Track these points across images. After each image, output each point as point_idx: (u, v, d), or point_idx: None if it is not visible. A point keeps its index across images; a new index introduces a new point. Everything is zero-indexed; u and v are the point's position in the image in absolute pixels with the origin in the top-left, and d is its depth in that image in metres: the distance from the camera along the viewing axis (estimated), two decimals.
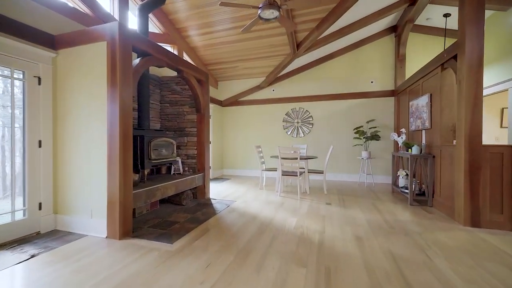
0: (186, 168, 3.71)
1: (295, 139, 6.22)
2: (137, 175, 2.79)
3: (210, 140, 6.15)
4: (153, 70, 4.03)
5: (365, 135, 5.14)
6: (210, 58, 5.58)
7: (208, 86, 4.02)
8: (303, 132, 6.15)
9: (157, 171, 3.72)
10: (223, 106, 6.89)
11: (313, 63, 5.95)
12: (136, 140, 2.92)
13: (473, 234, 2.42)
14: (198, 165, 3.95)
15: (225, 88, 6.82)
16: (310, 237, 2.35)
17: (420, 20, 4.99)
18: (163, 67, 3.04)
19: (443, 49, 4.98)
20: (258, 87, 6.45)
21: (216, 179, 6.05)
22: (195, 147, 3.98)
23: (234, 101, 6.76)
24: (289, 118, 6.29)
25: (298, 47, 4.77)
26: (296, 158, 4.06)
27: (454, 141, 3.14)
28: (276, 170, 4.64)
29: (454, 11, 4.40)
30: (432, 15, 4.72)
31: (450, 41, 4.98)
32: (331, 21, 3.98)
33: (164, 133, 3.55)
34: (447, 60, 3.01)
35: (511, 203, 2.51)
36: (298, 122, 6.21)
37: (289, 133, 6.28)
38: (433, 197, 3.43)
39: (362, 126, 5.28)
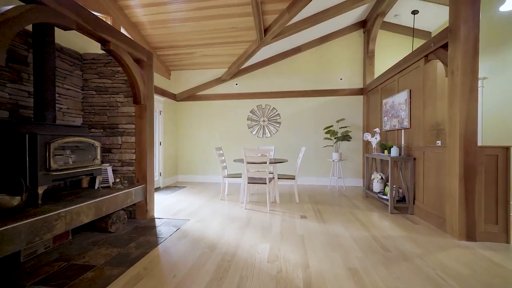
0: (118, 180, 2.69)
1: (261, 139, 5.58)
2: (17, 197, 1.72)
3: (161, 141, 5.08)
4: (71, 43, 2.89)
5: (336, 135, 4.76)
6: (159, 39, 4.54)
7: (151, 69, 3.06)
8: (269, 132, 5.54)
9: (75, 184, 2.62)
10: (177, 101, 5.86)
11: (280, 56, 5.39)
12: (21, 140, 1.85)
13: (476, 253, 2.05)
14: (138, 174, 2.96)
15: (180, 80, 5.80)
16: (291, 278, 1.66)
17: (389, 17, 4.83)
18: (71, 29, 2.02)
19: (411, 49, 4.92)
20: (219, 80, 5.62)
21: (168, 188, 5.01)
22: (133, 150, 2.97)
23: (191, 95, 5.79)
24: (254, 116, 5.62)
25: (265, 32, 4.11)
26: (265, 162, 3.38)
27: (438, 142, 2.84)
28: (240, 177, 3.89)
29: (422, 7, 4.29)
30: (401, 11, 4.57)
31: (417, 42, 4.93)
32: (305, 2, 3.41)
33: (85, 131, 2.50)
34: (433, 50, 2.68)
35: (506, 212, 2.24)
36: (264, 121, 5.58)
37: (254, 132, 5.60)
38: (413, 203, 3.11)
39: (332, 126, 4.90)
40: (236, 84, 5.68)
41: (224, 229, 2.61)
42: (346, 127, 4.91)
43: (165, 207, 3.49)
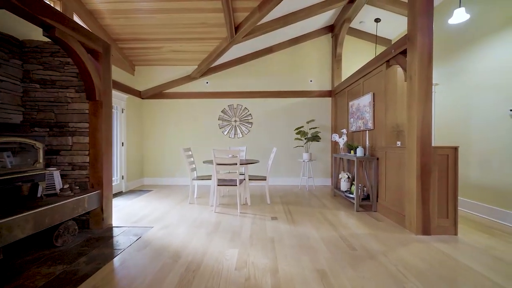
0: (67, 186, 2.37)
1: (233, 140, 5.46)
2: None
3: (123, 141, 4.68)
4: (10, 28, 2.47)
5: (306, 136, 4.85)
6: (121, 31, 4.17)
7: (109, 63, 2.77)
8: (241, 132, 5.45)
9: (10, 193, 2.24)
10: (143, 98, 5.47)
11: (252, 55, 5.34)
12: None
13: (431, 246, 2.19)
14: (92, 178, 2.64)
15: (146, 76, 5.42)
16: (259, 285, 1.59)
17: (355, 23, 5.07)
18: (1, 8, 1.70)
19: (374, 55, 5.22)
20: (189, 78, 5.38)
21: (132, 192, 4.63)
22: (87, 152, 2.65)
23: (158, 93, 5.45)
24: (225, 116, 5.48)
25: (236, 30, 4.01)
26: (235, 164, 3.28)
27: (398, 142, 3.01)
28: (210, 179, 3.74)
29: (384, 16, 4.58)
30: (365, 19, 4.82)
31: (380, 48, 5.25)
32: (276, 1, 3.39)
33: (24, 130, 2.14)
34: (394, 56, 2.84)
35: (455, 206, 2.45)
36: (236, 121, 5.47)
37: (225, 133, 5.47)
38: (377, 201, 3.28)
39: (303, 127, 4.99)
40: (207, 82, 5.48)
41: (191, 235, 2.45)
42: (315, 128, 5.03)
43: (127, 214, 3.20)
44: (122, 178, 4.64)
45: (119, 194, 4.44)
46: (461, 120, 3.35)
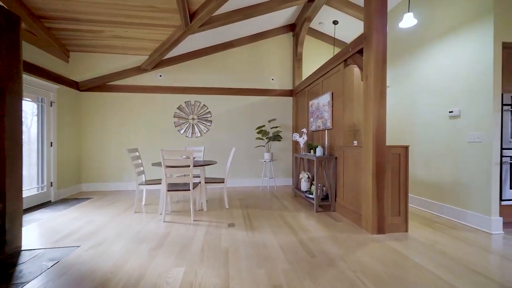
0: None
1: (191, 139, 5.04)
2: None
3: (52, 140, 3.89)
4: None
5: (268, 135, 4.72)
6: (46, 7, 3.42)
7: (17, 39, 2.16)
8: (200, 131, 5.06)
9: None
10: (81, 90, 4.67)
11: (212, 49, 4.99)
12: None
13: (385, 246, 2.19)
14: None
15: (84, 64, 4.63)
16: None
17: (315, 24, 5.11)
18: None
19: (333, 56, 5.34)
20: (139, 69, 4.78)
21: (64, 201, 3.87)
22: None
23: (101, 85, 4.72)
24: (182, 113, 5.02)
25: (191, 18, 3.64)
26: (188, 166, 2.93)
27: (355, 142, 3.03)
28: (161, 183, 3.30)
29: (341, 18, 4.69)
30: (324, 20, 4.89)
31: (338, 50, 5.39)
32: None
33: None
34: (351, 55, 2.83)
35: (405, 204, 2.52)
36: (193, 119, 5.06)
37: (182, 131, 5.01)
38: (335, 200, 3.27)
39: (264, 126, 4.84)
40: (160, 75, 4.95)
41: (129, 253, 2.04)
42: (277, 127, 4.93)
43: (49, 231, 2.58)
44: (51, 185, 3.86)
45: (45, 204, 3.66)
46: (408, 121, 3.56)
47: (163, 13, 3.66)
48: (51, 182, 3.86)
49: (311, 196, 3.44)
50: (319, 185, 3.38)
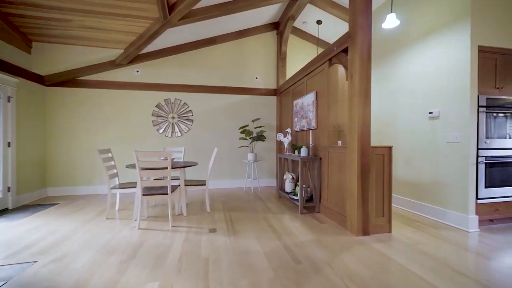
0: None
1: (170, 139, 4.79)
2: None
3: (10, 140, 3.48)
4: None
5: (251, 135, 4.59)
6: None
7: None
8: (180, 131, 4.82)
9: None
10: (46, 85, 4.25)
11: (193, 45, 4.78)
12: None
13: (371, 248, 2.16)
14: None
15: (49, 56, 4.22)
16: None
17: (299, 23, 5.07)
18: None
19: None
20: (113, 64, 4.45)
21: (25, 208, 3.47)
22: None
23: (70, 80, 4.32)
24: (161, 111, 4.75)
25: (170, 11, 3.42)
26: (166, 168, 2.73)
27: (339, 142, 3.00)
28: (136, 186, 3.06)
29: (325, 18, 4.68)
30: (308, 19, 4.86)
31: (321, 51, 5.39)
32: None
33: None
34: (336, 54, 2.79)
35: (389, 204, 2.52)
36: (174, 118, 4.81)
37: (161, 131, 4.74)
38: (320, 202, 3.23)
39: (248, 125, 4.71)
40: (137, 71, 4.64)
41: (94, 268, 1.82)
42: (261, 127, 4.82)
43: (2, 244, 2.26)
44: (8, 191, 3.44)
45: (2, 212, 3.26)
46: (390, 121, 3.61)
47: (140, 3, 3.40)
48: (8, 187, 3.45)
49: (295, 197, 3.37)
50: (304, 186, 3.32)
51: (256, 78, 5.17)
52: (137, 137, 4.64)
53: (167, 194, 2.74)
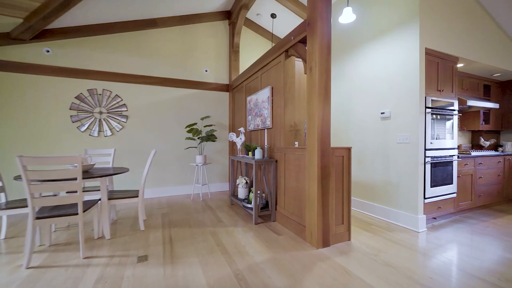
0: None
1: (98, 139, 3.84)
2: None
3: None
4: None
5: (200, 135, 4.03)
6: None
7: None
8: (110, 129, 3.92)
9: None
10: None
11: (128, 25, 3.94)
12: None
13: (334, 265, 1.90)
14: None
15: None
16: None
17: (252, 15, 4.73)
18: None
19: None
20: (8, 38, 3.30)
21: None
22: None
23: None
24: (84, 104, 3.77)
25: None
26: (75, 179, 2.00)
27: (296, 143, 2.73)
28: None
29: (279, 12, 4.45)
30: (262, 11, 4.56)
31: None
32: None
33: None
34: (293, 45, 2.50)
35: (348, 210, 2.34)
36: (101, 113, 3.88)
37: (84, 129, 3.76)
38: (276, 209, 2.91)
39: (196, 124, 4.13)
40: (48, 51, 3.57)
41: None
42: (211, 125, 4.29)
43: None
44: None
45: None
46: (344, 120, 3.55)
47: None
48: None
49: (249, 205, 2.98)
50: (258, 192, 2.95)
51: (206, 71, 4.61)
52: (47, 138, 3.56)
53: (77, 214, 2.00)
